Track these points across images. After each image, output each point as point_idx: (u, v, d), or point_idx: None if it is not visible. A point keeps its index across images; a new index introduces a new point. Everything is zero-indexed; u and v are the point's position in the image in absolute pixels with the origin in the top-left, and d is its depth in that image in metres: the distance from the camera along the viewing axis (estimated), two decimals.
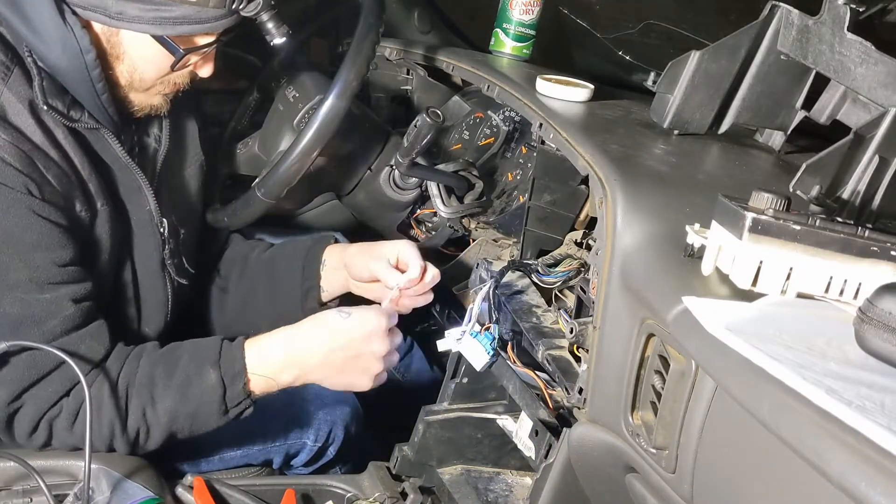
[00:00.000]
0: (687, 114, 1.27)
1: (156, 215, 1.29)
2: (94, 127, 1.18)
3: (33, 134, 1.11)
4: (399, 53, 1.75)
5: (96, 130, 1.19)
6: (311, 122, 1.31)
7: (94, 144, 1.20)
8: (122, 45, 1.17)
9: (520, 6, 1.66)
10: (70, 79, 1.14)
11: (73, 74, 1.13)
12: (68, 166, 1.15)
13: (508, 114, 1.60)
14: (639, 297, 0.96)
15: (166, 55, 1.17)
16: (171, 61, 1.18)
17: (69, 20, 1.11)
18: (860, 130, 0.97)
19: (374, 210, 1.63)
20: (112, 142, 1.21)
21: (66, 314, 1.13)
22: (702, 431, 0.84)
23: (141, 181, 1.26)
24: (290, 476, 1.45)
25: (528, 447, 1.23)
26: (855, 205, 0.95)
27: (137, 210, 1.28)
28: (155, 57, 1.18)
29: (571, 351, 1.17)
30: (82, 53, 1.12)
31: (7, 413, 1.13)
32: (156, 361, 1.19)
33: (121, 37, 1.16)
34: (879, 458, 0.64)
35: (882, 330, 0.73)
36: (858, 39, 1.10)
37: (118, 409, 1.15)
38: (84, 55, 1.12)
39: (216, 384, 1.17)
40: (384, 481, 1.33)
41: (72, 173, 1.15)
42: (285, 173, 1.33)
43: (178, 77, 1.24)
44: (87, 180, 1.18)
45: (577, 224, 1.36)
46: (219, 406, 1.18)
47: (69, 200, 1.15)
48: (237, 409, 1.19)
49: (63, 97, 1.15)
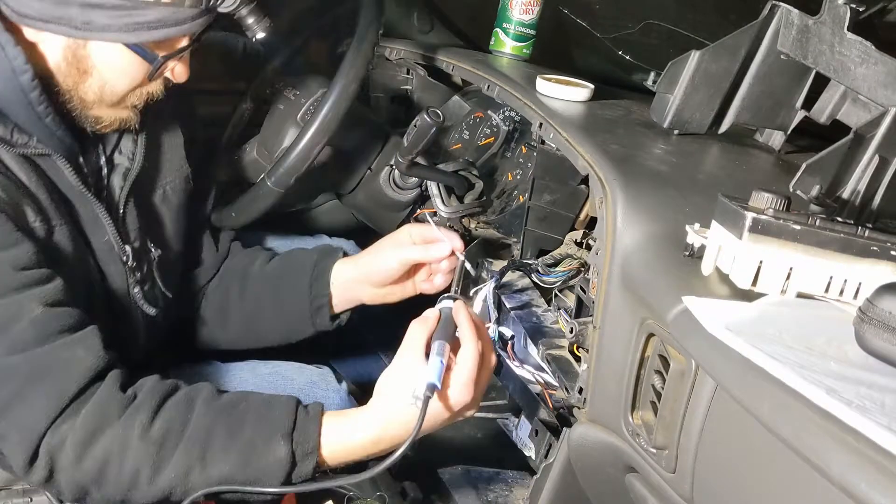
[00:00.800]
0: (687, 114, 1.27)
1: (116, 244, 1.19)
2: (43, 153, 1.08)
3: None
4: (399, 53, 1.75)
5: (48, 157, 1.09)
6: (319, 109, 1.31)
7: (48, 171, 1.10)
8: (91, 59, 1.06)
9: (520, 6, 1.66)
10: (7, 102, 1.03)
11: (10, 97, 1.03)
12: (15, 179, 1.05)
13: (508, 113, 1.60)
14: (639, 296, 0.96)
15: (141, 64, 1.08)
16: (145, 71, 1.10)
17: (1, 38, 1.01)
18: (860, 130, 0.97)
19: (374, 210, 1.63)
20: (65, 168, 1.10)
21: (33, 316, 0.99)
22: (702, 431, 0.84)
23: (97, 211, 1.15)
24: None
25: (528, 447, 1.23)
26: (855, 205, 0.95)
27: (97, 239, 1.18)
28: (128, 67, 1.08)
29: (571, 351, 1.17)
30: (15, 75, 1.01)
31: None
32: (217, 413, 1.04)
33: (88, 49, 1.05)
34: (879, 457, 0.64)
35: (882, 330, 0.73)
36: (858, 39, 1.10)
37: (149, 457, 0.99)
38: (18, 77, 1.01)
39: (285, 459, 1.03)
40: (384, 481, 1.33)
41: (20, 186, 1.05)
42: (295, 161, 1.33)
43: (151, 87, 1.14)
44: (37, 195, 1.07)
45: (577, 224, 1.36)
46: (281, 481, 1.03)
47: (19, 209, 1.04)
48: (300, 486, 1.05)
49: (5, 122, 1.05)
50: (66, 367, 1.01)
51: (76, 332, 1.04)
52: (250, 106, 1.69)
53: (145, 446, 1.00)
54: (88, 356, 1.03)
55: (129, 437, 1.00)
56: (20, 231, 1.03)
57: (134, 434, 1.00)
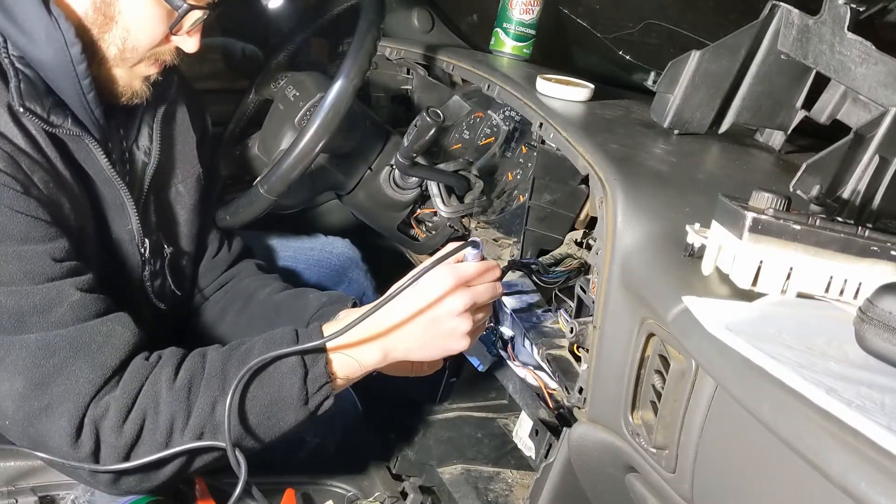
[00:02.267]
0: (687, 113, 1.27)
1: (137, 235, 1.22)
2: (77, 134, 1.12)
3: (14, 137, 1.05)
4: (399, 53, 1.75)
5: (79, 138, 1.13)
6: (313, 118, 1.31)
7: (77, 153, 1.14)
8: (118, 3, 1.10)
9: (520, 6, 1.66)
10: (54, 74, 1.08)
11: (58, 69, 1.07)
12: (53, 171, 1.09)
13: (508, 113, 1.60)
14: (639, 296, 0.96)
15: (163, 17, 1.12)
16: (166, 27, 1.13)
17: (54, 11, 1.05)
18: (860, 130, 0.97)
19: (375, 209, 1.63)
20: (96, 151, 1.14)
21: (72, 300, 1.03)
22: (702, 431, 0.84)
23: (124, 197, 1.19)
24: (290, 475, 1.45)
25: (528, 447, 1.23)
26: (855, 204, 0.95)
27: (119, 226, 1.21)
28: (153, 16, 1.12)
29: (571, 351, 1.17)
30: (67, 46, 1.06)
31: (28, 413, 1.00)
32: (227, 353, 1.10)
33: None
34: (879, 457, 0.64)
35: (882, 330, 0.73)
36: (859, 39, 1.10)
37: (180, 402, 1.04)
38: (69, 48, 1.06)
39: (296, 365, 1.07)
40: (384, 481, 1.33)
41: (57, 179, 1.09)
42: (288, 169, 1.34)
43: (165, 52, 1.17)
44: (72, 188, 1.11)
45: (578, 224, 1.36)
46: (299, 392, 1.07)
47: (56, 203, 1.09)
48: (318, 397, 1.08)
49: (43, 100, 1.08)
50: (107, 341, 1.05)
51: (112, 313, 1.08)
52: (255, 98, 1.69)
53: (175, 394, 1.04)
54: (126, 332, 1.07)
55: (159, 392, 1.04)
56: (58, 226, 1.07)
57: (163, 388, 1.04)
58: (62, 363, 1.01)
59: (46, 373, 1.00)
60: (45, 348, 1.01)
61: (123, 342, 1.06)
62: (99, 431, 1.01)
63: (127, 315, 1.09)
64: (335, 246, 1.84)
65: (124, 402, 1.02)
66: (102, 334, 1.04)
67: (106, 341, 1.04)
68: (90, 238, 1.16)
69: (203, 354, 1.10)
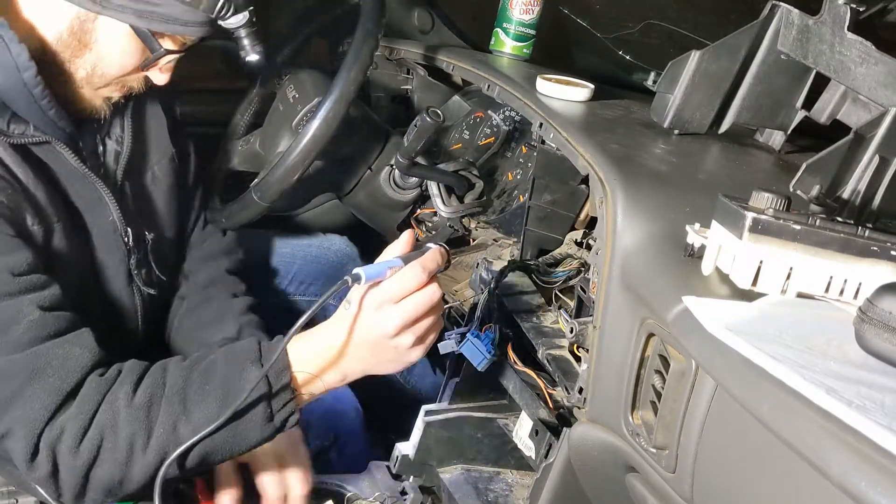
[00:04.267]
0: (687, 113, 1.27)
1: (119, 225, 1.23)
2: (42, 140, 1.11)
3: None
4: (399, 53, 1.75)
5: (46, 144, 1.12)
6: (306, 129, 1.31)
7: (44, 157, 1.13)
8: (96, 33, 1.11)
9: (520, 6, 1.66)
10: (8, 95, 1.07)
11: (12, 91, 1.06)
12: (13, 180, 1.07)
13: (508, 113, 1.60)
14: (639, 296, 0.96)
15: (137, 51, 1.13)
16: (140, 59, 1.14)
17: (5, 36, 1.04)
18: (860, 130, 0.97)
19: (374, 210, 1.63)
20: (66, 153, 1.14)
21: (31, 319, 1.02)
22: (702, 431, 0.84)
23: (102, 191, 1.19)
24: None
25: (528, 447, 1.23)
26: (855, 204, 0.95)
27: (99, 221, 1.21)
28: (127, 51, 1.12)
29: (571, 351, 1.17)
30: (19, 71, 1.05)
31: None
32: (187, 368, 1.08)
33: (97, 24, 1.10)
34: (879, 457, 0.64)
35: (882, 330, 0.73)
36: (859, 39, 1.10)
37: (139, 421, 1.02)
38: (21, 72, 1.05)
39: (260, 383, 1.04)
40: (384, 481, 1.33)
41: (18, 187, 1.08)
42: (281, 177, 1.34)
43: (133, 80, 1.19)
44: (35, 195, 1.10)
45: (578, 224, 1.36)
46: (264, 410, 1.05)
47: (18, 213, 1.07)
48: (283, 413, 1.07)
49: (2, 112, 1.08)
50: (63, 364, 1.03)
51: (71, 332, 1.06)
52: (260, 91, 1.69)
53: (134, 413, 1.03)
54: (84, 353, 1.05)
55: (117, 411, 1.03)
56: (19, 237, 1.05)
57: (121, 406, 1.03)
58: (18, 390, 1.01)
59: (3, 399, 1.01)
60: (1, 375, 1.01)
61: (80, 364, 1.04)
62: (56, 454, 1.01)
63: (88, 332, 1.07)
64: (333, 242, 1.84)
65: (81, 423, 1.02)
66: (59, 357, 1.03)
67: (62, 364, 1.03)
68: (67, 240, 1.14)
69: (164, 369, 1.08)
